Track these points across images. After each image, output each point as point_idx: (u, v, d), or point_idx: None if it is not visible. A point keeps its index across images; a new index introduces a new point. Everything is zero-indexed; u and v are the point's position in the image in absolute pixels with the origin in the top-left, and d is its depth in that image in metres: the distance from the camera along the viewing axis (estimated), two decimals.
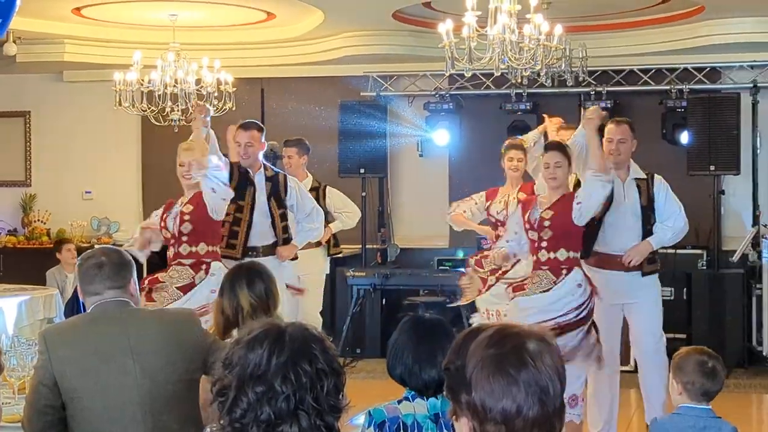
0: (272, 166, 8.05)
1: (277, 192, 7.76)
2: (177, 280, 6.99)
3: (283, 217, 7.82)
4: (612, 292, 7.12)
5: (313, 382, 2.52)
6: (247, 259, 6.77)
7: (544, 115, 8.33)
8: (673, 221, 7.30)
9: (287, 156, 9.44)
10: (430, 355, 3.82)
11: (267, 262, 6.81)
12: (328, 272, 9.93)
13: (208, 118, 7.36)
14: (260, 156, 7.85)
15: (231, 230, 7.66)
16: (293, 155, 9.42)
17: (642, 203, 7.27)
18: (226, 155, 8.04)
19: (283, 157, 9.45)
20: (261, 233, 7.68)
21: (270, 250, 7.68)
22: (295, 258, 7.91)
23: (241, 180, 7.60)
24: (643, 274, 7.25)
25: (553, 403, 2.14)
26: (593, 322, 6.86)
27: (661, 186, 7.34)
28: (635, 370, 7.68)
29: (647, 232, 7.23)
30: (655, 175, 7.38)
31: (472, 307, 8.29)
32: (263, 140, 7.89)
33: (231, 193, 7.21)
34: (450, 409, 2.23)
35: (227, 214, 7.42)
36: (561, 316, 6.71)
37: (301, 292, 7.92)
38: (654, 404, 7.19)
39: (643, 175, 7.33)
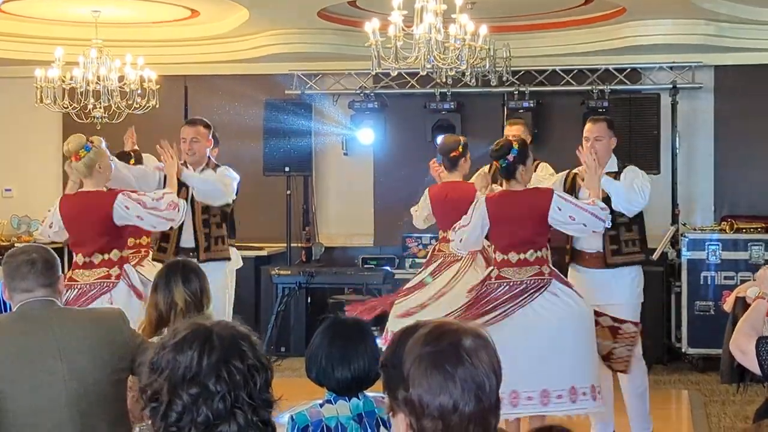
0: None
1: None
2: None
3: (206, 223, 7.69)
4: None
5: (246, 378, 2.51)
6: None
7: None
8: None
9: None
10: (343, 354, 3.83)
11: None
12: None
13: None
14: (207, 152, 7.76)
15: (163, 233, 7.59)
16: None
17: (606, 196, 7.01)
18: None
19: None
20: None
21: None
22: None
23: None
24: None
25: (488, 399, 2.17)
26: None
27: (627, 173, 7.13)
28: None
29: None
30: (628, 166, 7.23)
31: None
32: (210, 137, 7.78)
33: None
34: (387, 406, 2.26)
35: None
36: None
37: None
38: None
39: (615, 169, 7.16)
